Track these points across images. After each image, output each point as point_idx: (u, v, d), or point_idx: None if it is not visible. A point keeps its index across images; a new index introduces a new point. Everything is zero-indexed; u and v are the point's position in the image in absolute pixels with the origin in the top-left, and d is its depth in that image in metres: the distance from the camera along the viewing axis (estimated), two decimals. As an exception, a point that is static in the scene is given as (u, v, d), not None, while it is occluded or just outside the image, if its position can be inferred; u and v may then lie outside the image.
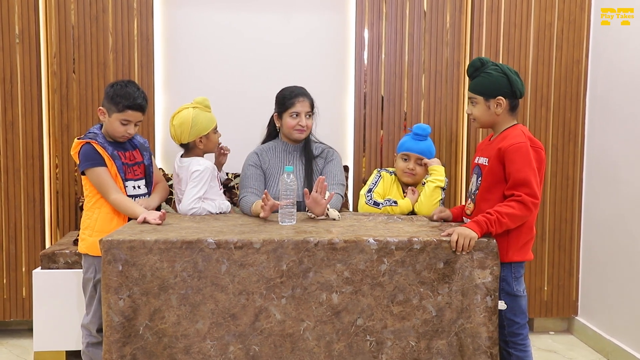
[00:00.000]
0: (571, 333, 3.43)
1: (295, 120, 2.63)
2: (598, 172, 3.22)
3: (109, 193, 2.30)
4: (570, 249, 3.38)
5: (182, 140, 2.47)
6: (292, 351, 1.97)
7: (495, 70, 2.15)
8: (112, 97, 2.32)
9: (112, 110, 2.32)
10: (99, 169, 2.31)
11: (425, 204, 2.61)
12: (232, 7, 3.28)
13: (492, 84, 2.15)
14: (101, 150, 2.31)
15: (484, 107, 2.18)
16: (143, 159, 2.49)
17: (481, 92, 2.17)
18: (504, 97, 2.15)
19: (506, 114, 2.18)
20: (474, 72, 2.19)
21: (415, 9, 3.28)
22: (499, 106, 2.16)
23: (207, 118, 2.46)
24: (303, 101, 2.64)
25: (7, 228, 3.13)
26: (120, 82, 2.35)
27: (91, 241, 2.33)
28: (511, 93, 2.15)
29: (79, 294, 2.68)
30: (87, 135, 2.36)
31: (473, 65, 2.19)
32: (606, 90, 3.15)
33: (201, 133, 2.45)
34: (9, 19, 3.05)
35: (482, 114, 2.19)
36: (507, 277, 2.12)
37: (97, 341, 2.35)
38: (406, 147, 2.73)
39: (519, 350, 2.16)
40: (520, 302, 2.15)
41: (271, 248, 1.96)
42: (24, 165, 3.11)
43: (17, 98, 3.08)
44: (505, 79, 2.14)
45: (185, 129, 2.43)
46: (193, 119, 2.42)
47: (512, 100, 2.17)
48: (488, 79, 2.15)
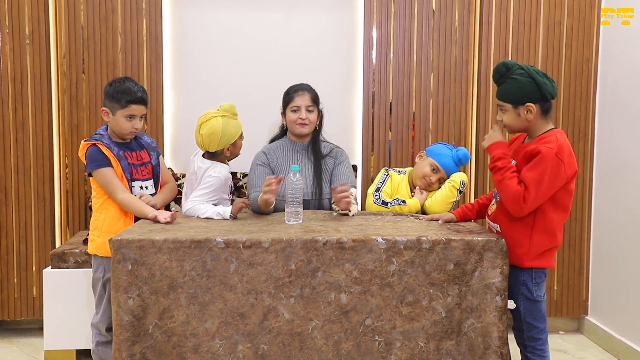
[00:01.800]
0: (581, 333, 3.41)
1: (296, 114, 2.65)
2: (608, 171, 3.19)
3: (116, 193, 2.31)
4: (580, 248, 3.35)
5: (210, 149, 2.46)
6: (300, 350, 1.98)
7: (521, 75, 2.03)
8: (112, 95, 2.32)
9: (116, 108, 2.33)
10: (105, 169, 2.32)
11: (439, 202, 2.61)
12: (240, 7, 3.29)
13: (520, 90, 2.03)
14: (107, 151, 2.32)
15: (513, 114, 2.07)
16: (150, 159, 2.49)
17: (509, 100, 2.06)
18: (533, 102, 2.03)
19: (539, 119, 2.07)
20: (500, 79, 2.08)
21: (424, 8, 3.27)
22: (529, 112, 2.04)
23: (235, 126, 2.45)
24: (302, 95, 2.66)
25: (17, 228, 3.15)
26: (118, 80, 2.36)
27: (100, 242, 2.35)
28: (541, 97, 2.03)
29: (88, 293, 2.69)
30: (93, 137, 2.37)
31: (498, 71, 2.08)
32: (616, 89, 3.13)
33: (230, 142, 2.45)
34: (19, 20, 3.07)
35: (512, 121, 2.08)
36: (527, 281, 2.07)
37: (107, 340, 2.36)
38: (442, 163, 2.70)
39: (537, 355, 2.12)
40: (540, 306, 2.10)
41: (280, 247, 1.96)
42: (34, 165, 3.13)
43: (27, 98, 3.10)
44: (533, 83, 2.01)
45: (215, 139, 2.41)
46: (223, 129, 2.40)
47: (543, 105, 2.04)
48: (515, 85, 2.04)
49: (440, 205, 2.60)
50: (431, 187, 2.71)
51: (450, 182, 2.64)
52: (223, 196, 2.50)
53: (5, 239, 3.14)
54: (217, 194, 2.45)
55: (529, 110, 2.04)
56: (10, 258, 3.15)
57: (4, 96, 3.09)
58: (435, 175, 2.69)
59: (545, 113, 2.07)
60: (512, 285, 2.10)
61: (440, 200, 2.61)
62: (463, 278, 2.00)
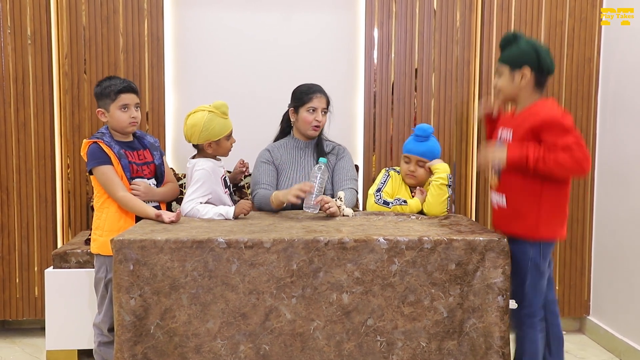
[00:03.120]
0: (583, 333, 3.41)
1: (312, 115, 2.67)
2: (610, 170, 3.19)
3: (116, 190, 2.32)
4: (581, 248, 3.35)
5: (191, 141, 2.46)
6: (302, 350, 1.98)
7: (526, 44, 2.10)
8: (101, 93, 2.36)
9: (108, 104, 2.35)
10: (105, 167, 2.32)
11: (434, 204, 2.59)
12: (242, 7, 3.29)
13: (520, 54, 2.10)
14: (107, 149, 2.33)
15: (508, 77, 2.13)
16: (153, 158, 2.49)
17: (507, 61, 2.13)
18: (530, 68, 2.09)
19: (530, 88, 2.11)
20: (505, 45, 2.16)
21: (425, 8, 3.27)
22: (523, 77, 2.10)
23: (220, 124, 2.42)
24: (320, 97, 2.68)
25: (19, 228, 3.15)
26: (102, 80, 2.40)
27: (102, 241, 2.35)
28: (538, 67, 2.09)
29: (90, 293, 2.69)
30: (95, 136, 2.39)
31: (506, 38, 2.16)
32: (618, 89, 3.12)
33: (211, 138, 2.42)
34: (21, 20, 3.07)
35: (506, 85, 2.14)
36: (535, 256, 2.09)
37: (109, 340, 2.37)
38: (407, 149, 2.69)
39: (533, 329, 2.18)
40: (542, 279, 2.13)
41: (281, 247, 1.96)
42: (36, 166, 3.14)
43: (29, 99, 3.11)
44: (534, 51, 2.09)
45: (196, 131, 2.40)
46: (205, 123, 2.38)
47: (538, 75, 2.10)
48: (517, 50, 2.11)
49: (437, 207, 2.58)
50: (419, 177, 2.67)
51: (437, 180, 2.58)
52: (218, 191, 2.46)
53: (7, 239, 3.15)
54: (210, 187, 2.42)
55: (524, 75, 2.09)
56: (12, 258, 3.16)
57: (5, 96, 3.09)
58: (411, 165, 2.67)
59: (538, 85, 2.12)
60: (520, 259, 2.10)
61: (434, 202, 2.57)
62: (465, 278, 2.00)
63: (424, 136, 2.66)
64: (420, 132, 2.66)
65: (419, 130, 2.66)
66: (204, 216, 2.34)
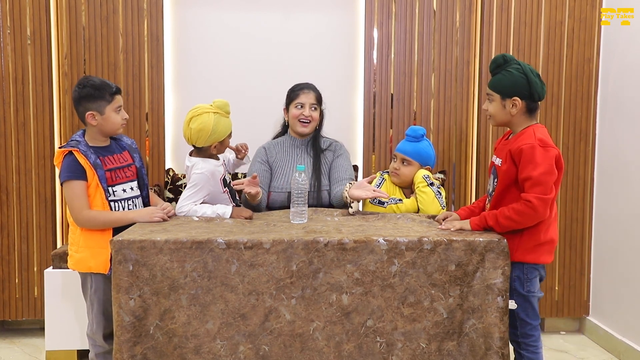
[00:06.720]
0: (582, 333, 3.41)
1: (299, 110, 2.71)
2: (609, 171, 3.19)
3: (80, 209, 2.19)
4: (581, 248, 3.35)
5: (197, 144, 2.40)
6: (301, 351, 1.98)
7: (516, 70, 2.09)
8: (93, 95, 2.22)
9: (103, 105, 2.24)
10: (76, 182, 2.19)
11: (426, 207, 2.57)
12: (241, 7, 3.29)
13: (511, 84, 2.10)
14: (83, 160, 2.20)
15: (499, 105, 2.14)
16: (134, 160, 2.40)
17: (498, 90, 2.13)
18: (520, 98, 2.09)
19: (522, 116, 2.13)
20: (496, 69, 2.15)
21: (425, 8, 3.27)
22: (514, 107, 2.11)
23: (225, 125, 2.38)
24: (307, 93, 2.73)
25: (19, 228, 3.15)
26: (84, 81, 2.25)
27: (78, 257, 2.26)
28: (529, 95, 2.09)
29: (90, 293, 2.69)
30: (69, 144, 2.25)
31: (495, 61, 2.14)
32: (617, 89, 3.12)
33: (218, 140, 2.39)
34: (20, 21, 3.07)
35: (497, 112, 2.15)
36: (519, 276, 2.10)
37: (104, 350, 2.31)
38: (397, 147, 2.74)
39: (531, 352, 2.15)
40: (532, 303, 2.12)
41: (281, 248, 1.96)
42: (36, 166, 3.13)
43: (29, 99, 3.10)
44: (525, 80, 2.08)
45: (203, 135, 2.34)
46: (214, 126, 2.33)
47: (529, 103, 2.11)
48: (507, 78, 2.10)
49: (430, 207, 2.56)
50: (402, 176, 2.68)
51: (418, 187, 2.61)
52: (215, 192, 2.44)
53: (7, 239, 3.14)
54: (206, 190, 2.40)
55: (515, 105, 2.11)
56: (11, 258, 3.16)
57: (5, 97, 3.09)
58: (396, 163, 2.70)
59: (530, 112, 2.14)
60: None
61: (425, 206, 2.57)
62: (464, 279, 2.00)
63: (413, 136, 2.70)
64: (410, 132, 2.71)
65: (410, 130, 2.72)
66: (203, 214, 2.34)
